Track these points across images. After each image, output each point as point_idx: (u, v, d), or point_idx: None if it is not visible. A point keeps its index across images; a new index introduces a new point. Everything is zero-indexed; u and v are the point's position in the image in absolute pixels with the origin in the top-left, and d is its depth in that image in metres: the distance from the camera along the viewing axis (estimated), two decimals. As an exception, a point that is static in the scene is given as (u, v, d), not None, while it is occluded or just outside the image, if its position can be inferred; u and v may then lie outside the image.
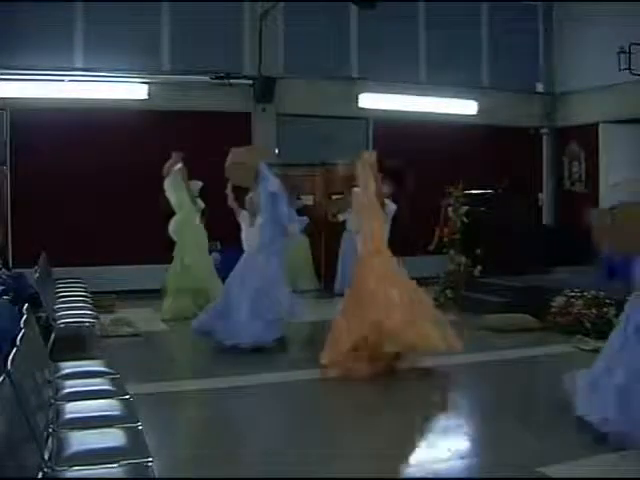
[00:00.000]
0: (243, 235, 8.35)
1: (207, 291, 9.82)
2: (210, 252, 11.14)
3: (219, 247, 11.90)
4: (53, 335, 6.68)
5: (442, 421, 5.61)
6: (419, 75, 13.99)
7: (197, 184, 10.86)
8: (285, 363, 7.81)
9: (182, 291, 9.99)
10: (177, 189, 10.16)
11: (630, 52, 12.33)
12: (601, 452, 4.62)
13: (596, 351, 7.60)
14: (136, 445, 3.37)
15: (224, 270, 11.50)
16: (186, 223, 10.22)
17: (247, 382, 6.63)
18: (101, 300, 9.69)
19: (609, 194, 6.29)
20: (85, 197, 11.49)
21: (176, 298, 9.96)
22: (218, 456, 4.66)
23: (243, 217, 8.32)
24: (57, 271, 9.81)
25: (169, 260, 10.72)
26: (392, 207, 7.19)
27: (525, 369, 7.27)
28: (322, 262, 12.68)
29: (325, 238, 12.60)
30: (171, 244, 10.51)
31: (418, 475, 4.54)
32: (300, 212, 12.03)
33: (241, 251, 12.37)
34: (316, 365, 6.82)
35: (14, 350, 3.39)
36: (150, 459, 3.26)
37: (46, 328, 6.53)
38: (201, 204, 10.54)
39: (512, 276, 10.33)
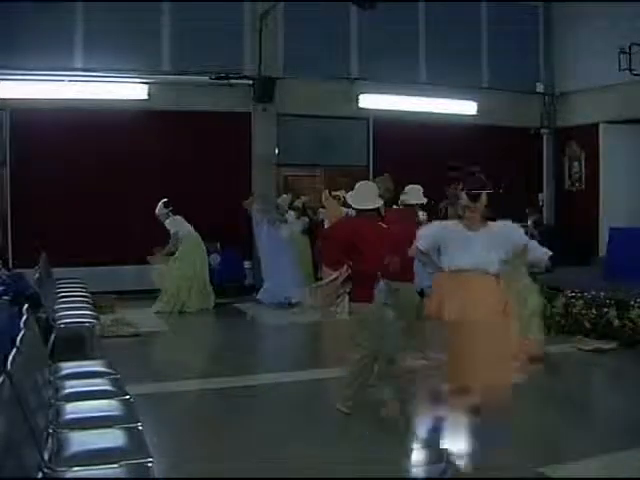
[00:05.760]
0: None
1: None
2: (210, 252, 11.18)
3: (219, 247, 11.92)
4: (53, 335, 6.68)
5: (440, 421, 5.61)
6: (419, 75, 13.97)
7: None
8: (286, 363, 7.83)
9: None
10: None
11: (630, 52, 12.32)
12: (601, 452, 4.63)
13: (596, 351, 7.66)
14: (136, 445, 3.37)
15: (223, 270, 11.59)
16: None
17: (247, 382, 6.65)
18: (101, 300, 9.70)
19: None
20: (85, 197, 11.48)
21: None
22: (218, 456, 4.67)
23: None
24: (57, 271, 9.80)
25: (169, 260, 10.75)
26: None
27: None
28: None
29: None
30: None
31: (418, 475, 4.54)
32: (301, 212, 12.11)
33: (240, 252, 12.49)
34: (316, 365, 6.83)
35: (14, 350, 3.39)
36: (150, 459, 3.26)
37: (46, 328, 6.53)
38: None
39: (512, 276, 10.32)
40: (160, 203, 10.55)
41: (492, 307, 4.65)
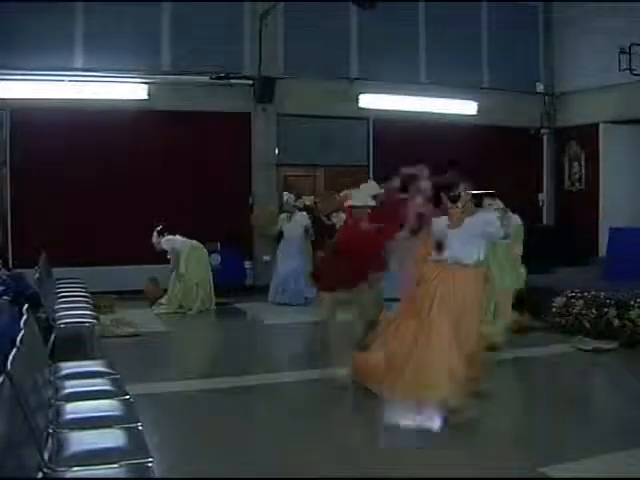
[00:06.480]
0: None
1: None
2: (210, 252, 11.18)
3: (219, 248, 11.92)
4: (53, 335, 6.68)
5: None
6: (419, 75, 13.97)
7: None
8: (286, 363, 7.83)
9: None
10: None
11: (630, 52, 12.33)
12: (602, 452, 4.63)
13: (596, 351, 7.66)
14: (136, 445, 3.36)
15: (223, 270, 11.59)
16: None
17: (247, 382, 6.64)
18: (101, 300, 9.71)
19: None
20: (85, 197, 11.48)
21: None
22: (218, 456, 4.67)
23: None
24: (57, 271, 9.80)
25: (168, 260, 10.77)
26: None
27: (525, 369, 7.27)
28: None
29: (326, 238, 12.58)
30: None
31: (418, 475, 4.54)
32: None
33: (240, 252, 12.50)
34: (316, 365, 6.84)
35: (14, 350, 3.39)
36: (150, 459, 3.26)
37: (46, 328, 6.53)
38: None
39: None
40: (155, 232, 10.63)
41: (470, 298, 5.31)
